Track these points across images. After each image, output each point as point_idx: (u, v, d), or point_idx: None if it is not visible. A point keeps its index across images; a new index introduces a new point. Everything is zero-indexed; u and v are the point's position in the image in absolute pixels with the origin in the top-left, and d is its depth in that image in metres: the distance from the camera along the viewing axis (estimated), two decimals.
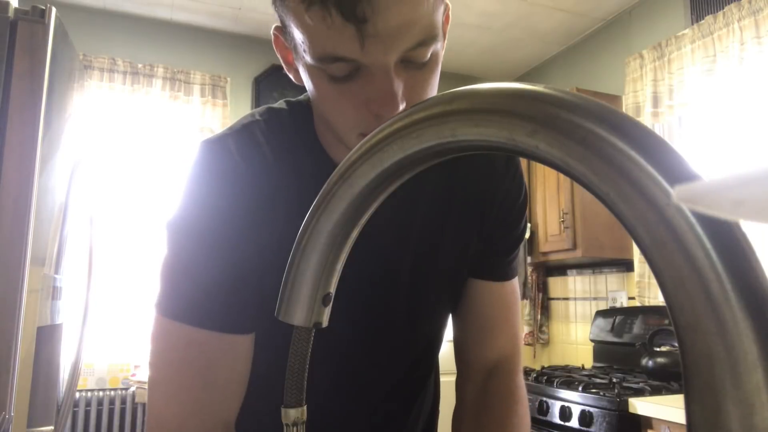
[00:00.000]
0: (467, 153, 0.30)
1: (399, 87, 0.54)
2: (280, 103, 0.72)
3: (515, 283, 0.82)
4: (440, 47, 0.58)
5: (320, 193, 0.34)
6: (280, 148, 0.66)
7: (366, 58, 0.52)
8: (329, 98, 0.57)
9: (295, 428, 0.38)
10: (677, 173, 0.23)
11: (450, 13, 0.61)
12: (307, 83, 0.59)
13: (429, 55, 0.56)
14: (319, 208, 0.34)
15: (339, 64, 0.53)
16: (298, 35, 0.54)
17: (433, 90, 0.60)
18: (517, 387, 0.79)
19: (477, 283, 0.79)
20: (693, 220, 0.22)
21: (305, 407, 0.39)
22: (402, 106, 0.55)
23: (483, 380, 0.79)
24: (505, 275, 0.80)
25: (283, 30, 0.59)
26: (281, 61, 0.64)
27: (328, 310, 0.36)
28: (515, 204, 0.78)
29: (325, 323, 0.37)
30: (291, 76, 0.64)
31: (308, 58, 0.55)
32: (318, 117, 0.68)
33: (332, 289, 0.36)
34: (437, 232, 0.72)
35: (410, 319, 0.73)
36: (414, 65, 0.55)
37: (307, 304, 0.35)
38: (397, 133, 0.31)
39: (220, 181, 0.62)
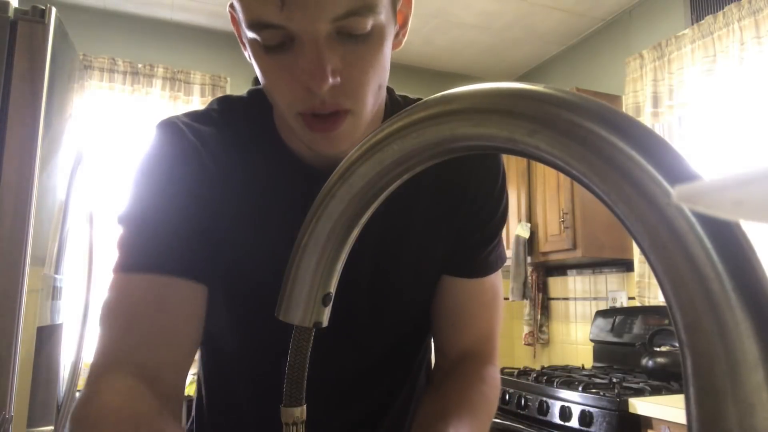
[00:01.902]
0: (467, 153, 0.30)
1: (330, 59, 0.52)
2: (243, 92, 0.71)
3: (493, 279, 0.77)
4: (384, 21, 0.56)
5: (320, 192, 0.34)
6: (228, 139, 0.66)
7: (292, 24, 0.51)
8: (266, 71, 0.57)
9: (294, 428, 0.38)
10: (677, 173, 0.23)
11: None
12: (250, 59, 0.59)
13: (369, 28, 0.54)
14: (318, 208, 0.34)
15: (268, 31, 0.53)
16: (236, 5, 0.54)
17: (378, 70, 0.57)
18: (486, 372, 0.74)
19: (447, 279, 0.74)
20: (693, 220, 0.22)
21: (305, 406, 0.39)
22: (332, 81, 0.53)
23: (450, 368, 0.75)
24: (476, 272, 0.75)
25: (233, 6, 0.58)
26: (238, 40, 0.63)
27: (327, 310, 0.36)
28: (491, 195, 0.73)
29: (325, 323, 0.37)
30: (246, 55, 0.62)
31: (245, 29, 0.54)
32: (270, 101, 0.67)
33: (332, 289, 0.36)
34: (402, 227, 0.69)
35: (373, 317, 0.70)
36: (351, 39, 0.54)
37: (306, 303, 0.36)
38: (397, 133, 0.31)
39: (162, 161, 0.64)
